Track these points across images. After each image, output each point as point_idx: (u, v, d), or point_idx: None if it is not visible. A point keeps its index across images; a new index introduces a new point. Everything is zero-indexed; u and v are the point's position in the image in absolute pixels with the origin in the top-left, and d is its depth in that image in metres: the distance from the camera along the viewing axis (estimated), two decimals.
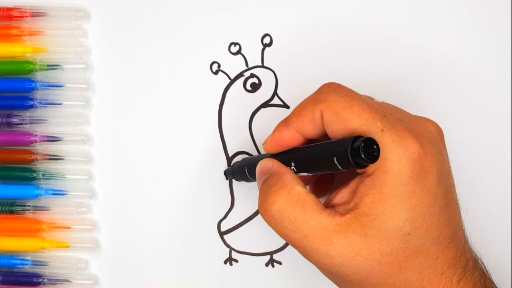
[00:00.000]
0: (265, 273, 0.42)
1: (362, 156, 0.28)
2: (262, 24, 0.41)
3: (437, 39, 0.40)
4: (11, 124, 0.41)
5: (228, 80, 0.41)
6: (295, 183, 0.32)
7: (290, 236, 0.31)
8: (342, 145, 0.28)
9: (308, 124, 0.32)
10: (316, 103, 0.31)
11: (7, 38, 0.41)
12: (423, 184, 0.29)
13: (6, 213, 0.41)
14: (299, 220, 0.31)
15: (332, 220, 0.30)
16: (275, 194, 0.31)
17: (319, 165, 0.31)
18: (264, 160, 0.34)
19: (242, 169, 0.38)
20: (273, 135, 0.34)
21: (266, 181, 0.33)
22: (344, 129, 0.30)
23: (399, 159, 0.29)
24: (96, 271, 0.43)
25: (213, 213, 0.42)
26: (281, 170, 0.33)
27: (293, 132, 0.33)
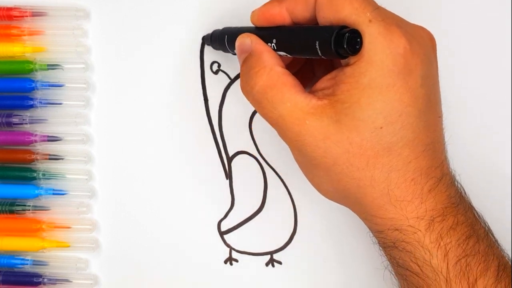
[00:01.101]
0: (265, 273, 0.42)
1: (344, 46, 0.28)
2: None
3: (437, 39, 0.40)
4: (11, 124, 0.41)
5: (228, 80, 0.41)
6: (274, 63, 0.32)
7: (267, 115, 0.32)
8: (327, 32, 0.29)
9: (300, 4, 0.32)
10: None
11: (7, 38, 0.41)
12: (404, 80, 0.29)
13: (6, 213, 0.41)
14: (276, 101, 0.31)
15: (308, 103, 0.31)
16: (255, 75, 0.32)
17: (300, 47, 0.31)
18: (242, 36, 0.34)
19: (222, 38, 0.37)
20: (262, 8, 0.34)
21: (246, 61, 0.33)
22: (334, 15, 0.30)
23: (382, 51, 0.29)
24: (96, 271, 0.43)
25: (213, 213, 0.42)
26: (260, 48, 0.33)
27: (283, 10, 0.33)
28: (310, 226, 0.42)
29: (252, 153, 0.42)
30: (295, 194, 0.41)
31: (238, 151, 0.42)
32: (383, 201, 0.31)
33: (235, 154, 0.42)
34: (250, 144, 0.42)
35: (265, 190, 0.42)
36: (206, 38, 0.40)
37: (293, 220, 0.42)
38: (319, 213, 0.41)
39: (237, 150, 0.42)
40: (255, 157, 0.42)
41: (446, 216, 0.31)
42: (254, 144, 0.42)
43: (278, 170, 0.42)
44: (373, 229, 0.33)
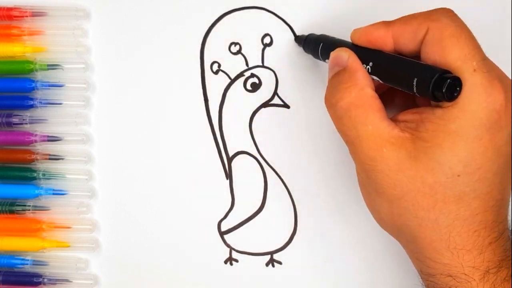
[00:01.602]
0: (265, 273, 0.42)
1: (443, 91, 0.28)
2: (262, 24, 0.41)
3: None
4: (11, 124, 0.41)
5: (228, 80, 0.41)
6: (366, 84, 0.32)
7: (345, 132, 0.32)
8: (429, 72, 0.28)
9: (408, 34, 0.31)
10: (428, 19, 0.31)
11: (7, 38, 0.41)
12: (493, 135, 0.29)
13: (6, 213, 0.41)
14: (359, 121, 0.31)
15: (390, 131, 0.30)
16: (344, 91, 0.32)
17: (397, 78, 0.31)
18: (340, 50, 0.34)
19: (317, 44, 0.37)
20: (367, 28, 0.33)
21: (338, 74, 0.33)
22: (440, 55, 0.30)
23: (479, 102, 0.29)
24: (96, 271, 0.43)
25: (213, 213, 0.42)
26: (355, 67, 0.32)
27: (388, 35, 0.32)
28: (310, 226, 0.42)
29: (252, 153, 0.42)
30: (295, 194, 0.41)
31: (238, 151, 0.42)
32: (441, 246, 0.30)
33: (235, 154, 0.42)
34: (250, 144, 0.42)
35: (265, 190, 0.42)
36: (300, 39, 0.40)
37: (293, 220, 0.42)
38: (319, 213, 0.41)
39: (237, 150, 0.42)
40: (255, 157, 0.42)
41: (501, 268, 0.30)
42: (254, 144, 0.42)
43: (278, 170, 0.42)
44: (424, 271, 0.32)
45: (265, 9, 0.41)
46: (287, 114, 0.41)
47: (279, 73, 0.41)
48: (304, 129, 0.41)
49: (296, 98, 0.41)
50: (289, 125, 0.41)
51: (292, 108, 0.41)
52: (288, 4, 0.40)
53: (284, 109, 0.41)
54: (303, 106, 0.41)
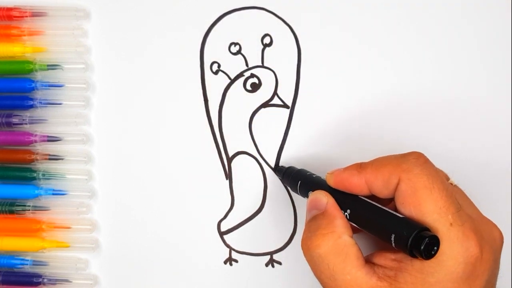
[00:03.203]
0: (265, 273, 0.42)
1: (421, 249, 0.28)
2: (262, 24, 0.41)
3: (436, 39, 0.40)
4: (11, 124, 0.41)
5: (228, 80, 0.41)
6: (344, 231, 0.32)
7: (324, 281, 0.32)
8: (407, 228, 0.29)
9: (380, 182, 0.32)
10: (398, 169, 0.31)
11: (7, 38, 0.41)
12: (469, 286, 0.29)
13: (6, 213, 0.41)
14: (337, 271, 0.31)
15: (368, 281, 0.30)
16: (322, 238, 0.32)
17: (374, 228, 0.31)
18: (319, 193, 0.34)
19: (295, 180, 0.38)
20: (342, 173, 0.33)
21: (316, 218, 0.33)
22: (415, 206, 0.30)
23: (456, 258, 0.29)
24: (96, 271, 0.43)
25: (213, 213, 0.42)
26: (334, 213, 0.33)
27: (362, 181, 0.32)
28: None
29: (252, 153, 0.42)
30: (295, 194, 0.41)
31: (238, 151, 0.42)
32: None
33: (235, 154, 0.42)
34: (250, 144, 0.42)
35: (265, 190, 0.42)
36: (279, 170, 0.40)
37: (293, 220, 0.42)
38: None
39: (237, 150, 0.42)
40: (255, 157, 0.42)
41: None
42: (254, 144, 0.42)
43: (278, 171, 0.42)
44: None
45: (265, 9, 0.41)
46: (287, 114, 0.41)
47: (279, 73, 0.41)
48: (304, 129, 0.41)
49: (296, 98, 0.41)
50: (289, 125, 0.41)
51: (292, 109, 0.41)
52: (288, 4, 0.40)
53: (284, 109, 0.41)
54: (303, 106, 0.41)
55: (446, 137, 0.40)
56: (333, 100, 0.41)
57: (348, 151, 0.41)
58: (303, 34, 0.40)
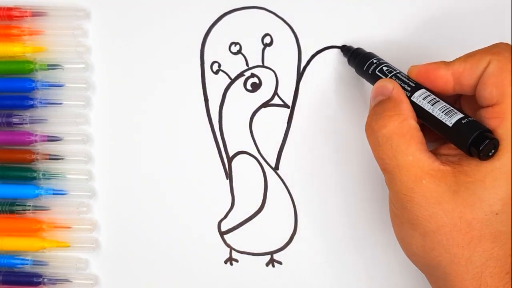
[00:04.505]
0: (265, 273, 0.42)
1: (479, 149, 0.28)
2: (262, 24, 0.41)
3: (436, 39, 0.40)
4: (11, 124, 0.41)
5: (228, 80, 0.41)
6: (410, 115, 0.32)
7: (385, 160, 0.32)
8: (469, 129, 0.29)
9: (469, 70, 0.31)
10: (488, 53, 0.31)
11: (7, 38, 0.41)
12: None
13: (6, 213, 0.41)
14: (400, 151, 0.31)
15: (431, 163, 0.30)
16: (388, 119, 0.32)
17: (436, 125, 0.31)
18: (385, 81, 0.34)
19: (363, 61, 0.37)
20: (427, 66, 0.33)
21: (383, 102, 0.33)
22: (497, 87, 0.30)
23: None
24: (96, 271, 0.43)
25: (213, 213, 0.42)
26: (401, 98, 0.33)
27: (448, 74, 0.32)
28: (310, 226, 0.42)
29: (252, 153, 0.42)
30: (295, 194, 0.41)
31: (238, 151, 0.42)
32: (472, 285, 0.30)
33: (235, 154, 0.42)
34: (250, 144, 0.42)
35: (265, 190, 0.42)
36: (346, 49, 0.40)
37: (293, 220, 0.42)
38: (319, 213, 0.41)
39: (237, 150, 0.42)
40: (255, 157, 0.42)
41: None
42: (254, 144, 0.42)
43: (278, 170, 0.42)
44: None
45: (265, 9, 0.41)
46: (287, 114, 0.41)
47: (279, 73, 0.41)
48: (304, 129, 0.41)
49: (296, 98, 0.41)
50: (289, 125, 0.41)
51: (292, 108, 0.41)
52: (288, 4, 0.40)
53: (284, 109, 0.41)
54: (303, 106, 0.41)
55: None
56: (333, 100, 0.41)
57: (348, 151, 0.41)
58: (303, 34, 0.40)
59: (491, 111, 0.30)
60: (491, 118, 0.30)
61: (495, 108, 0.30)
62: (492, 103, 0.30)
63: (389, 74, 0.35)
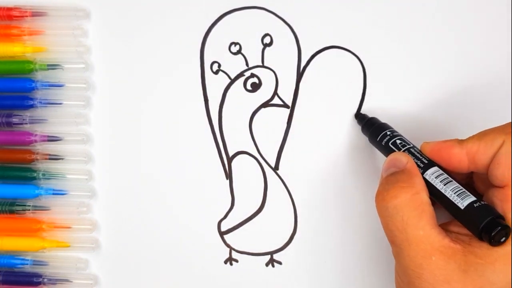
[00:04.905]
0: (265, 273, 0.42)
1: (491, 235, 0.28)
2: (262, 24, 0.41)
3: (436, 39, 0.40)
4: (11, 124, 0.41)
5: (228, 80, 0.41)
6: (422, 189, 0.32)
7: (394, 232, 0.31)
8: (481, 213, 0.29)
9: (483, 150, 0.31)
10: (502, 132, 0.31)
11: (7, 38, 0.41)
12: None
13: (6, 213, 0.41)
14: (410, 224, 0.31)
15: (441, 240, 0.30)
16: (400, 190, 0.31)
17: (449, 206, 0.31)
18: (400, 154, 0.34)
19: (377, 132, 0.37)
20: (442, 143, 0.33)
21: (395, 174, 0.33)
22: (510, 169, 0.30)
23: None
24: (96, 271, 0.43)
25: (213, 213, 0.42)
26: (414, 171, 0.33)
27: (462, 153, 0.32)
28: (310, 226, 0.42)
29: (252, 153, 0.42)
30: (295, 194, 0.41)
31: (238, 151, 0.42)
32: None
33: (235, 154, 0.42)
34: (250, 144, 0.42)
35: (265, 190, 0.42)
36: (361, 117, 0.40)
37: (293, 220, 0.42)
38: (319, 213, 0.41)
39: (237, 150, 0.42)
40: (255, 157, 0.42)
41: None
42: (254, 144, 0.42)
43: (278, 170, 0.42)
44: None
45: (265, 9, 0.41)
46: (287, 114, 0.41)
47: (279, 73, 0.41)
48: (304, 129, 0.41)
49: (296, 98, 0.41)
50: (289, 125, 0.41)
51: (292, 108, 0.41)
52: (288, 4, 0.40)
53: (284, 109, 0.41)
54: (303, 106, 0.41)
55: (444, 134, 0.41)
56: (333, 100, 0.41)
57: (348, 151, 0.41)
58: (303, 34, 0.40)
59: (503, 193, 0.30)
60: (503, 201, 0.30)
61: (506, 190, 0.30)
62: (504, 184, 0.30)
63: (402, 148, 0.35)
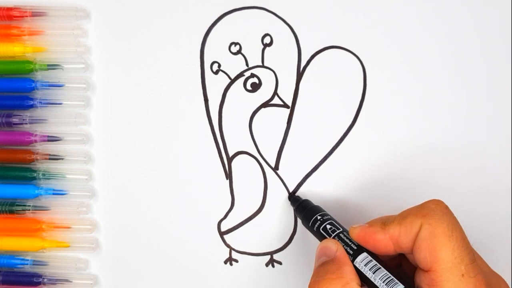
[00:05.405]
0: (265, 273, 0.42)
1: None
2: (262, 24, 0.41)
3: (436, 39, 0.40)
4: (11, 124, 0.41)
5: (228, 80, 0.41)
6: (352, 279, 0.32)
7: None
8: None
9: (404, 234, 0.32)
10: (419, 215, 0.32)
11: (7, 38, 0.41)
12: None
13: (6, 213, 0.41)
14: None
15: None
16: (330, 282, 0.32)
17: (378, 286, 0.32)
18: (329, 241, 0.35)
19: (309, 216, 0.38)
20: (366, 229, 0.34)
21: (326, 264, 0.33)
22: (430, 252, 0.30)
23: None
24: (96, 271, 0.43)
25: (213, 213, 0.42)
26: (344, 260, 0.33)
27: (386, 238, 0.33)
28: None
29: (252, 153, 0.42)
30: (295, 194, 0.41)
31: (238, 151, 0.42)
32: None
33: (235, 154, 0.42)
34: (250, 144, 0.42)
35: (265, 190, 0.42)
36: (294, 200, 0.40)
37: (293, 220, 0.42)
38: None
39: (237, 150, 0.42)
40: (255, 157, 0.42)
41: None
42: (254, 144, 0.42)
43: (278, 170, 0.42)
44: None
45: (265, 9, 0.41)
46: (287, 114, 0.41)
47: (279, 73, 0.41)
48: (304, 129, 0.41)
49: (296, 98, 0.41)
50: (289, 125, 0.41)
51: (292, 108, 0.41)
52: (288, 4, 0.40)
53: (284, 109, 0.41)
54: (303, 106, 0.41)
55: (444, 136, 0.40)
56: (333, 100, 0.41)
57: (348, 151, 0.41)
58: (303, 34, 0.40)
59: (428, 277, 0.31)
60: (428, 285, 0.31)
61: (431, 274, 0.31)
62: (427, 268, 0.31)
63: (333, 234, 0.36)
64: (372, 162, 0.41)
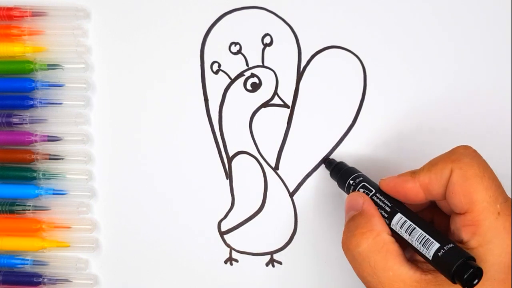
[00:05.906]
0: (265, 273, 0.42)
1: (463, 277, 0.28)
2: (262, 24, 0.41)
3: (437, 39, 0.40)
4: (11, 124, 0.41)
5: (228, 79, 0.41)
6: (382, 229, 0.32)
7: (366, 278, 0.32)
8: (447, 262, 0.29)
9: (434, 180, 0.32)
10: (449, 161, 0.31)
11: (7, 37, 0.41)
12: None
13: (6, 213, 0.41)
14: (379, 268, 0.31)
15: (412, 275, 0.31)
16: (361, 237, 0.32)
17: (419, 252, 0.31)
18: (355, 194, 0.35)
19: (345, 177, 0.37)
20: (396, 179, 0.33)
21: (354, 218, 0.33)
22: (465, 195, 0.30)
23: (503, 247, 0.29)
24: (96, 271, 0.43)
25: (213, 213, 0.42)
26: (371, 211, 0.33)
27: (416, 186, 0.33)
28: (310, 226, 0.42)
29: (252, 153, 0.42)
30: (295, 194, 0.41)
31: (238, 151, 0.42)
32: None
33: (235, 154, 0.42)
34: (250, 144, 0.42)
35: (265, 190, 0.42)
36: (329, 162, 0.40)
37: (293, 220, 0.42)
38: (319, 213, 0.41)
39: (237, 150, 0.42)
40: (255, 157, 0.42)
41: None
42: (254, 144, 0.42)
43: (278, 170, 0.42)
44: None
45: (265, 9, 0.41)
46: (287, 114, 0.41)
47: (279, 73, 0.41)
48: (304, 129, 0.41)
49: (296, 98, 0.41)
50: (289, 125, 0.41)
51: (292, 108, 0.41)
52: (288, 4, 0.40)
53: (284, 109, 0.41)
54: (303, 106, 0.41)
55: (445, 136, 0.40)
56: (333, 100, 0.41)
57: (348, 150, 0.41)
58: (303, 34, 0.40)
59: (464, 219, 0.31)
60: (465, 226, 0.31)
61: (467, 216, 0.30)
62: (463, 211, 0.31)
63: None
64: (372, 162, 0.41)
